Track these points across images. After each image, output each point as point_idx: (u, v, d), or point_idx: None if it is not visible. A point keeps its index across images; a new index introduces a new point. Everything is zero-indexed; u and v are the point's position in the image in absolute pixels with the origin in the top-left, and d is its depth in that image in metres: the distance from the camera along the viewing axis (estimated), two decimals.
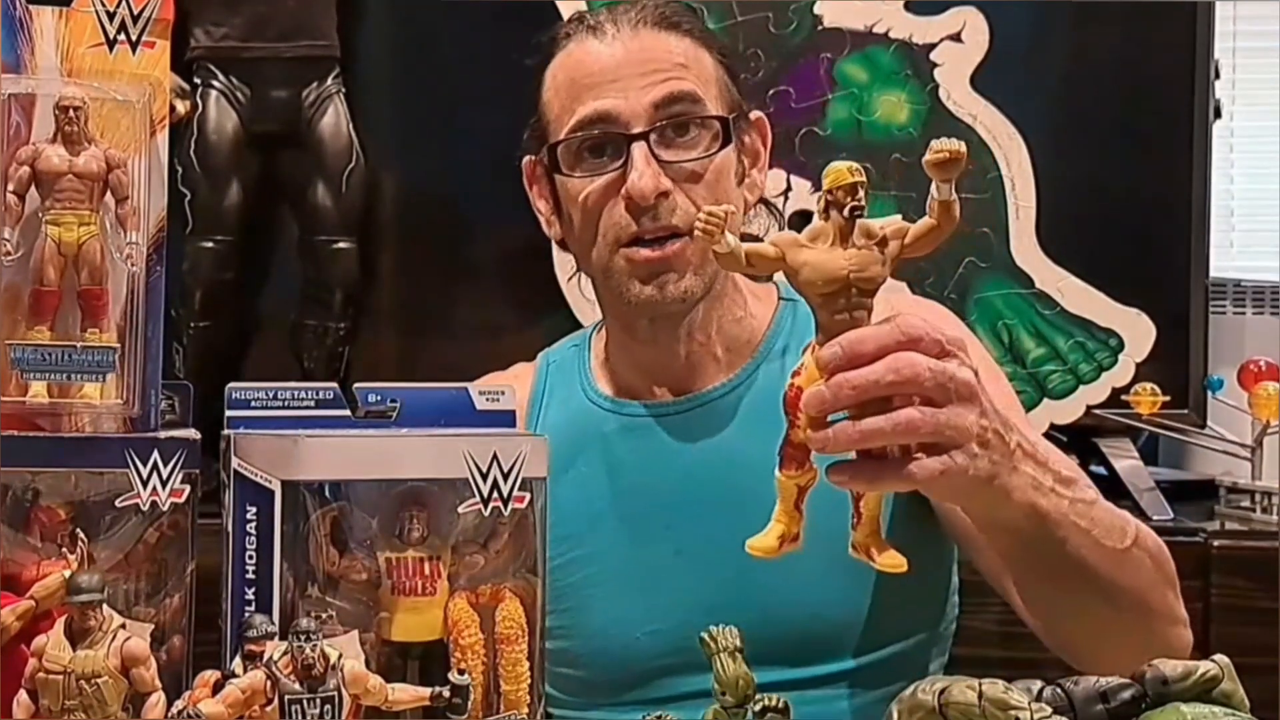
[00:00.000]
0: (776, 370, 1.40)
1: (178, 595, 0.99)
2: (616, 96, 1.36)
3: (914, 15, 2.20)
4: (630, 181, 1.34)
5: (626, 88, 1.36)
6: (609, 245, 1.37)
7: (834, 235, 0.91)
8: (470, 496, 0.99)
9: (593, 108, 1.36)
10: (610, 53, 1.38)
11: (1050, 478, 1.11)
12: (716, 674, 0.94)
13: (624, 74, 1.36)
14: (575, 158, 1.38)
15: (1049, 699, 0.83)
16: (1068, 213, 2.23)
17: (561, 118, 1.39)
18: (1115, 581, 1.19)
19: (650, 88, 1.36)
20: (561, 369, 1.50)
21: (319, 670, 0.92)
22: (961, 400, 0.98)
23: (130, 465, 0.98)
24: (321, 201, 2.13)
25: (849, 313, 0.93)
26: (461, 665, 0.98)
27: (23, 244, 0.99)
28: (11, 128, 0.99)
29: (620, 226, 1.36)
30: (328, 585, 0.99)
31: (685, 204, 1.34)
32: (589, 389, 1.46)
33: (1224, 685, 0.84)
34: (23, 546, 0.97)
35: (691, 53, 1.39)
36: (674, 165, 1.35)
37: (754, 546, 0.98)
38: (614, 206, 1.36)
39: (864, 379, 0.94)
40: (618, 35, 1.38)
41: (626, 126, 1.35)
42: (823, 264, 0.91)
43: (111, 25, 1.00)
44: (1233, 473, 2.25)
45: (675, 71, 1.37)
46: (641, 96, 1.35)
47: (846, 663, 1.36)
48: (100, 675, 0.94)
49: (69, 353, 0.98)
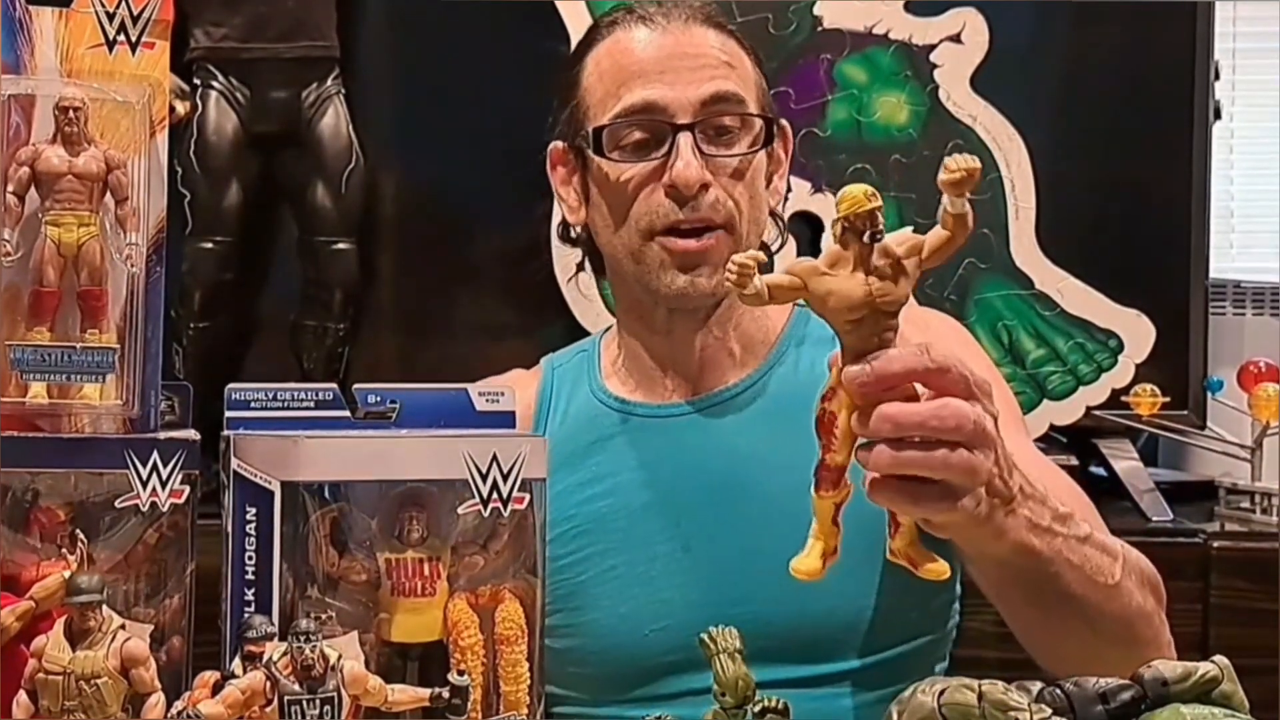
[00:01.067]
0: (790, 370, 1.41)
1: (177, 596, 0.99)
2: (665, 87, 1.37)
3: (914, 16, 2.20)
4: (675, 170, 1.35)
5: (675, 80, 1.37)
6: (641, 232, 1.37)
7: (854, 261, 0.91)
8: (470, 497, 1.00)
9: (641, 96, 1.37)
10: (661, 42, 1.39)
11: (1048, 515, 1.12)
12: (716, 675, 0.94)
13: (673, 65, 1.38)
14: (616, 142, 1.39)
15: (1049, 700, 0.83)
16: (1068, 214, 2.23)
17: (605, 102, 1.39)
18: (1103, 614, 1.20)
19: (699, 82, 1.37)
20: (568, 373, 1.50)
21: (318, 671, 0.92)
22: (982, 448, 0.99)
23: (130, 466, 0.98)
24: (321, 202, 2.13)
25: (876, 335, 0.92)
26: (461, 666, 0.98)
27: (22, 245, 0.99)
28: (11, 128, 0.99)
29: (658, 214, 1.36)
30: (327, 586, 0.99)
31: (724, 198, 1.36)
32: (598, 390, 1.46)
33: (1224, 686, 0.84)
34: (22, 547, 0.97)
35: (736, 53, 1.41)
36: (716, 160, 1.36)
37: (799, 570, 0.97)
38: (652, 193, 1.37)
39: (908, 419, 0.95)
40: (668, 27, 1.40)
41: (673, 117, 1.36)
42: (847, 291, 0.91)
43: (111, 26, 1.00)
44: (1232, 474, 2.25)
45: (721, 70, 1.38)
46: (690, 90, 1.36)
47: (852, 662, 1.36)
48: (100, 676, 0.94)
49: (69, 353, 0.98)
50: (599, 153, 1.39)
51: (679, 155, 1.35)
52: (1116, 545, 1.22)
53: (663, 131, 1.37)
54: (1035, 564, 1.13)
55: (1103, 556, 1.19)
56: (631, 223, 1.38)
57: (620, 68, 1.39)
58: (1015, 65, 2.23)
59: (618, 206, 1.39)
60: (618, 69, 1.40)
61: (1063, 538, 1.14)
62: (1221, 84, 2.31)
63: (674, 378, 1.44)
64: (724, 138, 1.38)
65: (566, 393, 1.48)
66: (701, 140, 1.36)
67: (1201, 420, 2.26)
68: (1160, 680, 0.84)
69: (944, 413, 0.96)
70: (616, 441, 1.42)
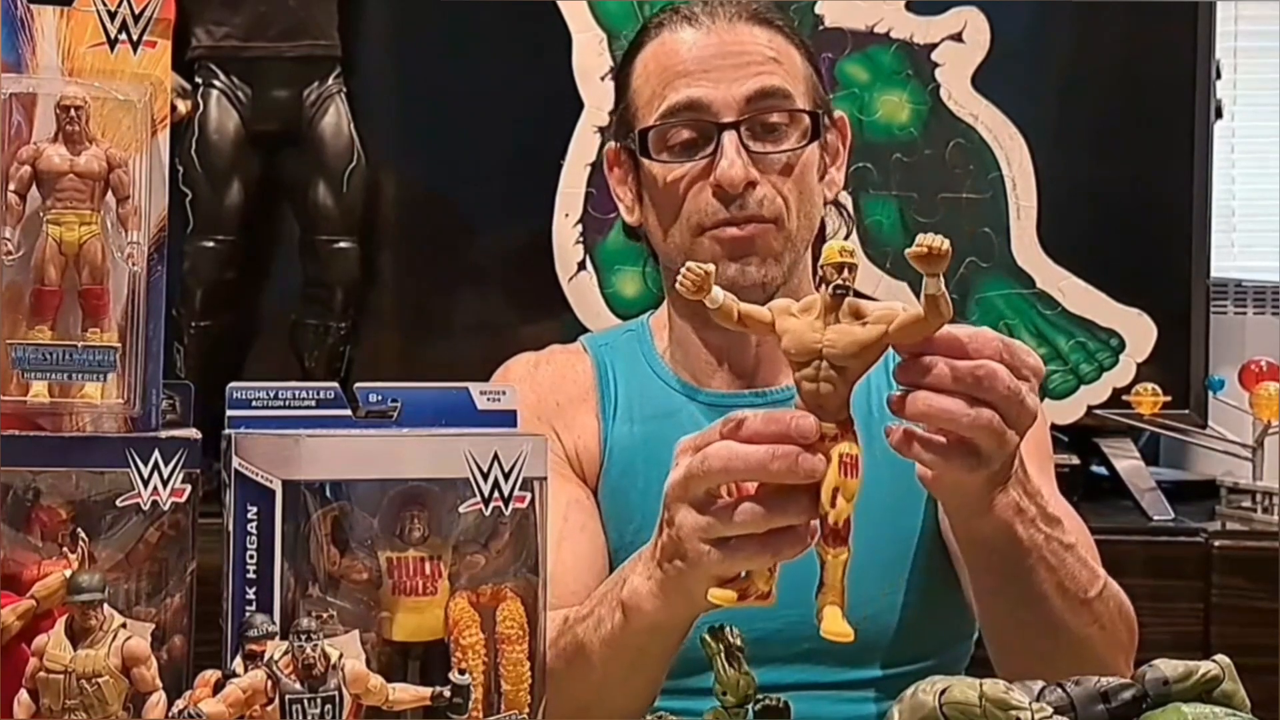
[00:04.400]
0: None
1: (178, 595, 0.99)
2: (709, 85, 1.37)
3: (915, 15, 2.21)
4: (720, 169, 1.36)
5: (719, 78, 1.37)
6: (691, 230, 1.38)
7: (820, 309, 0.94)
8: (471, 496, 0.99)
9: (685, 95, 1.38)
10: (706, 42, 1.39)
11: (1035, 510, 1.13)
12: (717, 674, 0.94)
13: (717, 64, 1.38)
14: (664, 143, 1.40)
15: (1050, 699, 0.83)
16: (1069, 213, 2.23)
17: (652, 103, 1.40)
18: (1068, 625, 1.19)
19: (743, 80, 1.37)
20: (619, 351, 1.50)
21: (320, 670, 0.92)
22: (1015, 424, 1.00)
23: (131, 465, 0.97)
24: (322, 201, 2.13)
25: (816, 382, 0.94)
26: (462, 665, 0.98)
27: (24, 243, 0.99)
28: (13, 127, 0.99)
29: (706, 213, 1.37)
30: (328, 585, 0.99)
31: (772, 195, 1.37)
32: (660, 371, 1.47)
33: (1225, 685, 0.84)
34: (23, 546, 0.97)
35: (783, 48, 1.41)
36: (763, 157, 1.37)
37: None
38: (700, 192, 1.38)
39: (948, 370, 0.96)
40: (713, 26, 1.40)
41: (717, 116, 1.37)
42: (800, 334, 0.94)
43: (113, 25, 1.00)
44: (1234, 473, 2.25)
45: (767, 66, 1.39)
46: (734, 88, 1.37)
47: (875, 671, 1.37)
48: (101, 675, 0.93)
49: (70, 352, 0.98)
50: (645, 154, 1.40)
51: (723, 154, 1.36)
52: (1102, 573, 1.22)
53: (708, 130, 1.37)
54: (1014, 551, 1.13)
55: (1082, 570, 1.19)
56: (682, 221, 1.39)
57: (665, 68, 1.40)
58: (1017, 64, 2.24)
59: (668, 206, 1.40)
60: (663, 70, 1.40)
61: (1045, 535, 1.14)
62: (1223, 83, 2.31)
63: (728, 372, 1.44)
64: (771, 134, 1.38)
65: (623, 369, 1.48)
66: (747, 137, 1.37)
67: (1203, 419, 2.26)
68: (1161, 679, 0.84)
69: (981, 372, 0.97)
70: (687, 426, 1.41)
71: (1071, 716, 0.83)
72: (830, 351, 0.93)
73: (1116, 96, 2.27)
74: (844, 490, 0.93)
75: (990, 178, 2.20)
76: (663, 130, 1.39)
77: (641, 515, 1.36)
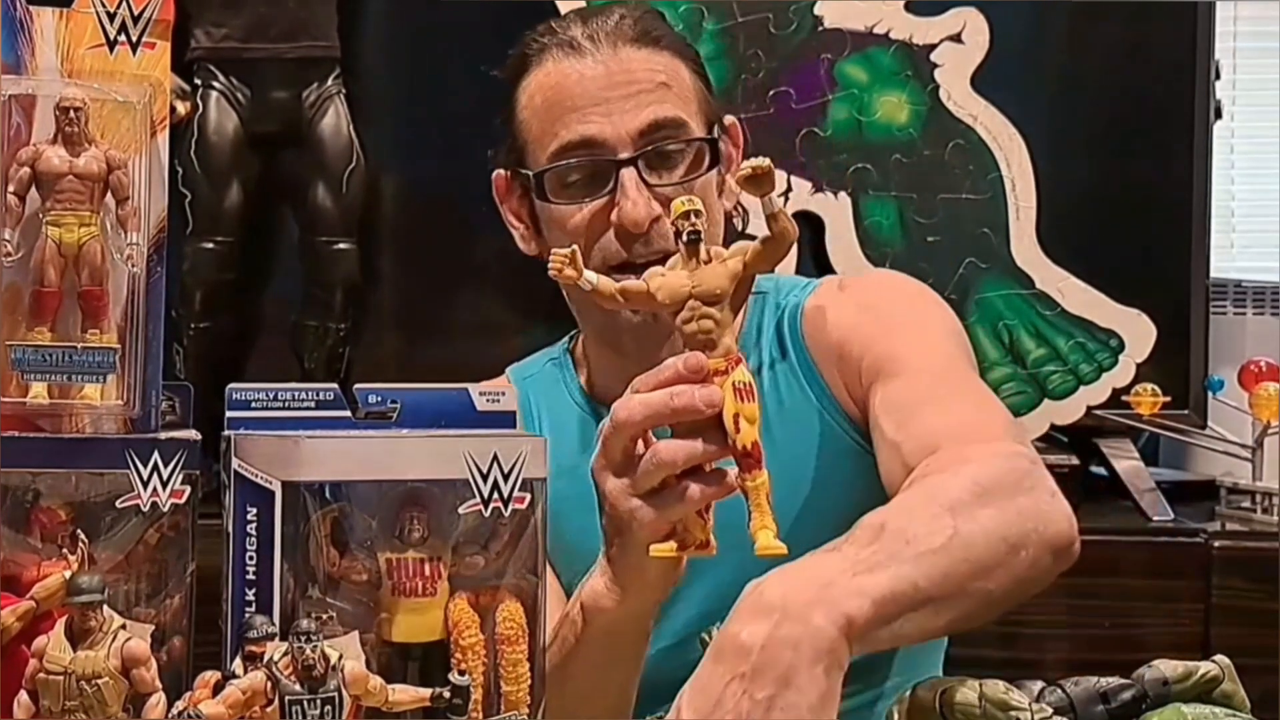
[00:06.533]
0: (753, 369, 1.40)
1: (178, 596, 0.99)
2: (602, 121, 1.34)
3: (914, 16, 2.20)
4: (624, 210, 1.33)
5: (610, 111, 1.35)
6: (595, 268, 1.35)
7: (682, 261, 1.02)
8: (470, 497, 0.99)
9: (578, 132, 1.35)
10: (593, 74, 1.36)
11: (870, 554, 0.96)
12: None
13: (607, 97, 1.35)
14: (560, 183, 1.37)
15: (1049, 699, 0.83)
16: (1068, 213, 2.23)
17: (542, 140, 1.37)
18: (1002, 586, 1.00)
19: (636, 111, 1.35)
20: (541, 382, 1.49)
21: (319, 671, 0.92)
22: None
23: (130, 466, 0.97)
24: (322, 202, 2.13)
25: (695, 322, 1.01)
26: (462, 666, 0.98)
27: (23, 245, 0.99)
28: (12, 129, 0.99)
29: (610, 252, 1.35)
30: (328, 586, 0.98)
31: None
32: (579, 400, 1.46)
33: (1224, 686, 0.84)
34: (23, 547, 0.97)
35: (672, 68, 1.38)
36: (662, 189, 1.34)
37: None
38: (604, 233, 1.35)
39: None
40: (598, 55, 1.37)
41: (614, 152, 1.34)
42: (670, 284, 1.02)
43: (112, 26, 1.00)
44: (1233, 473, 2.25)
45: (657, 93, 1.36)
46: (627, 121, 1.34)
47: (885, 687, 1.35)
48: (101, 676, 0.94)
49: (69, 353, 0.98)
50: (542, 198, 1.38)
51: (624, 193, 1.33)
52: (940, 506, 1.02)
53: (605, 169, 1.35)
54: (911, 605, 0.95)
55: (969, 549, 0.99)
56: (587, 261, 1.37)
57: (553, 104, 1.37)
58: (1016, 65, 2.24)
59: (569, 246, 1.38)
60: (550, 105, 1.37)
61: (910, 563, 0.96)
62: (1222, 83, 2.31)
63: None
64: (668, 163, 1.36)
65: (546, 403, 1.47)
66: (645, 171, 1.34)
67: (1202, 420, 2.26)
68: (1161, 680, 0.84)
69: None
70: None
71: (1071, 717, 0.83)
72: (699, 290, 1.01)
73: (1116, 97, 2.27)
74: (744, 414, 0.99)
75: (989, 178, 2.20)
76: (557, 172, 1.36)
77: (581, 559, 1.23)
